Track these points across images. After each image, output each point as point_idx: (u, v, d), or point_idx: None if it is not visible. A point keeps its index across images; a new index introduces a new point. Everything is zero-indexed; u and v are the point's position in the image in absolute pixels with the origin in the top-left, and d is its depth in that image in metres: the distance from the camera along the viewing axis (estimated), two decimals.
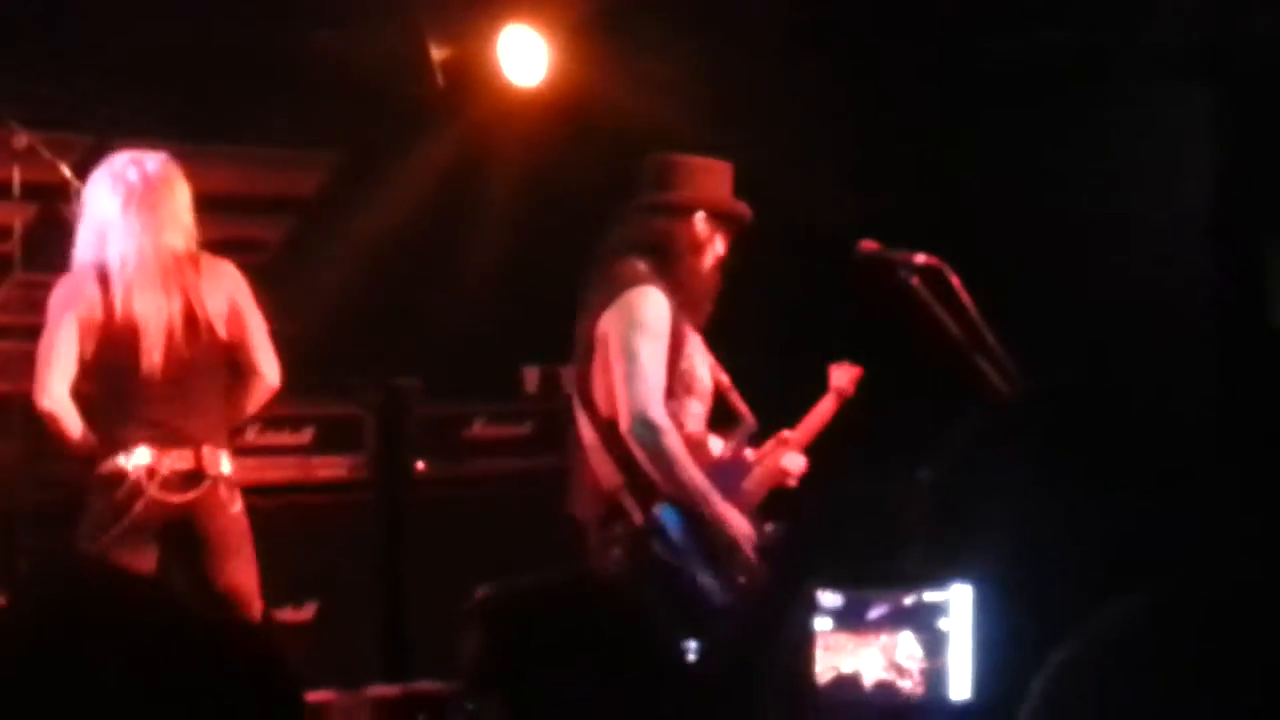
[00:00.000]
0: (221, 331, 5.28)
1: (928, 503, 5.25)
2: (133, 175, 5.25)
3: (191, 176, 5.53)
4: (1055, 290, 6.88)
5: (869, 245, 5.01)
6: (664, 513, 4.93)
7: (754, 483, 5.29)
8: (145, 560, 5.14)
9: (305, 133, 7.16)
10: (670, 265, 5.05)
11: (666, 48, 7.22)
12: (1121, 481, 6.30)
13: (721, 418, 5.30)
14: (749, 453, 5.37)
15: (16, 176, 6.03)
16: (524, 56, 7.16)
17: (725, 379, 5.33)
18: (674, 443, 4.91)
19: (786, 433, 5.50)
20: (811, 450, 5.57)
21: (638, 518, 4.92)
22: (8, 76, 6.57)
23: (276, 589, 5.77)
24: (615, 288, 4.99)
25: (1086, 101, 7.06)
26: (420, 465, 6.82)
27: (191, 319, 5.23)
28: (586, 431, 5.06)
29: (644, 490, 4.94)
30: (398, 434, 6.75)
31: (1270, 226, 6.97)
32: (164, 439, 5.17)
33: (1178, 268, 7.05)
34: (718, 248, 5.18)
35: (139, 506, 5.12)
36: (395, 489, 6.79)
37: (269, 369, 5.35)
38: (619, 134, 7.21)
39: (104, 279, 5.19)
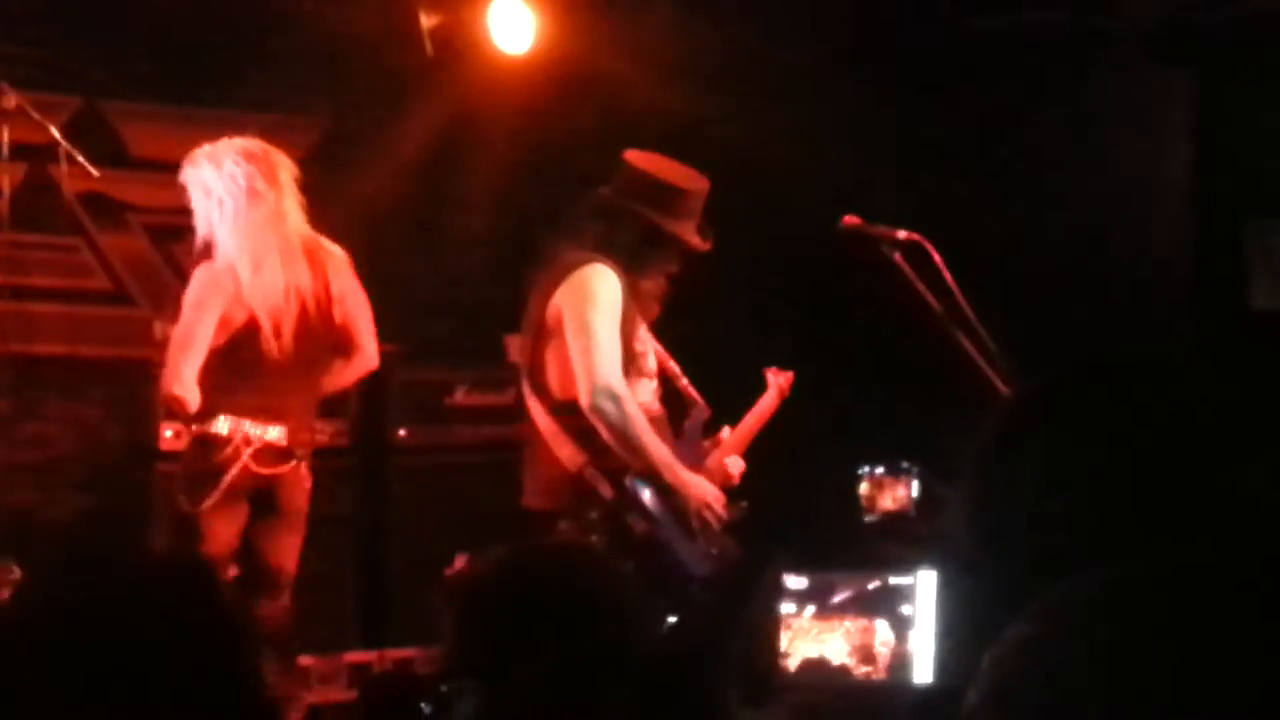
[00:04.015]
0: (336, 315, 5.46)
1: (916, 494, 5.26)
2: (247, 162, 5.32)
3: (179, 140, 5.55)
4: (1033, 269, 6.90)
5: (851, 220, 4.97)
6: (636, 483, 4.88)
7: (707, 474, 5.21)
8: (236, 519, 5.33)
9: (294, 98, 7.17)
10: (616, 265, 4.93)
11: (653, 16, 7.23)
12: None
13: (673, 411, 5.23)
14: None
15: (5, 136, 6.03)
16: (512, 24, 7.16)
17: (673, 366, 5.29)
18: (635, 411, 4.84)
19: (725, 432, 5.44)
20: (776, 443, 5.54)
21: (607, 492, 4.87)
22: None
23: None
24: (567, 267, 4.91)
25: (1068, 82, 7.08)
26: (401, 432, 6.86)
27: (315, 303, 5.40)
28: (541, 418, 4.97)
29: (611, 464, 4.87)
30: (379, 400, 6.76)
31: (1249, 208, 6.99)
32: (266, 414, 5.34)
33: (1157, 249, 7.09)
34: (667, 265, 5.05)
35: (234, 470, 5.28)
36: (376, 455, 6.82)
37: (370, 348, 5.57)
38: (607, 102, 7.24)
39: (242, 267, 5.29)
